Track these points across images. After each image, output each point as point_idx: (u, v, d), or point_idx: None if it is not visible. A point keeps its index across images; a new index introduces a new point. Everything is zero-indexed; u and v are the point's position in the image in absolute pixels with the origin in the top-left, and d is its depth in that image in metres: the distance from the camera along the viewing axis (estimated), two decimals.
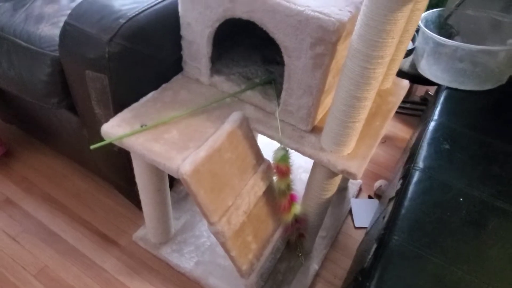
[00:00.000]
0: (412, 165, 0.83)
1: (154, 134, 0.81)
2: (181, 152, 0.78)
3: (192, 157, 0.75)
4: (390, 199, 0.79)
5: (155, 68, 0.89)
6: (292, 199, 0.92)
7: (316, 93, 0.78)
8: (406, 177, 0.81)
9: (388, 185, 1.12)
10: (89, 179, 1.29)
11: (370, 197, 1.33)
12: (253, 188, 0.86)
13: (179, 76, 0.96)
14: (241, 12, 0.76)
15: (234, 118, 0.84)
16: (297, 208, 0.93)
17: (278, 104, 0.88)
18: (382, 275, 0.65)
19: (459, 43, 0.98)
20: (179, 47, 0.92)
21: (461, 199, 0.76)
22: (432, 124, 0.94)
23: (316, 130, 0.86)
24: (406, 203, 0.74)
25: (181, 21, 0.86)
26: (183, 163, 0.73)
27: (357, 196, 1.32)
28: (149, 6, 0.83)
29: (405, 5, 0.58)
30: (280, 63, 1.01)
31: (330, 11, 0.69)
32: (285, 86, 0.82)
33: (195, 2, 0.81)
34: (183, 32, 0.88)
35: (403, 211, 0.73)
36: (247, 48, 1.04)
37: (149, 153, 0.78)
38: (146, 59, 0.85)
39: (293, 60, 0.76)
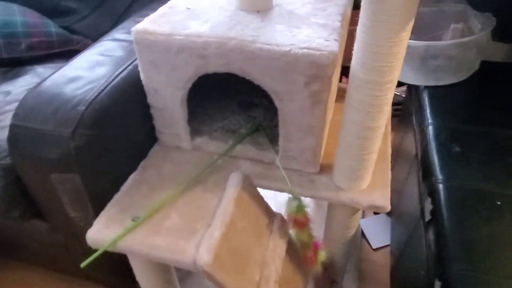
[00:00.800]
0: (433, 179, 0.77)
1: (151, 225, 0.69)
2: (190, 239, 0.66)
3: (206, 242, 0.63)
4: (428, 222, 0.73)
5: (128, 148, 0.77)
6: (316, 248, 0.82)
7: (319, 132, 0.71)
8: (433, 193, 0.75)
9: (396, 197, 1.07)
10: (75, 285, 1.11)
11: (375, 213, 1.27)
12: (275, 251, 0.76)
13: (155, 148, 0.85)
14: (216, 66, 0.68)
15: (235, 180, 0.74)
16: (323, 256, 0.84)
17: (276, 151, 0.79)
18: None
19: (430, 42, 0.97)
20: (149, 117, 0.81)
21: (498, 202, 0.71)
22: (431, 129, 0.90)
23: (324, 169, 0.78)
24: (448, 224, 0.68)
25: (146, 89, 0.76)
26: (199, 252, 0.62)
27: (363, 217, 1.26)
28: (107, 83, 0.71)
29: (409, 23, 0.52)
30: (260, 105, 0.93)
31: (318, 44, 0.62)
32: (281, 131, 0.74)
33: (159, 67, 0.71)
34: (151, 100, 0.78)
35: (448, 233, 0.67)
36: (219, 98, 0.96)
37: (153, 250, 0.65)
38: (117, 142, 0.74)
39: (286, 104, 0.68)
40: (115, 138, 0.73)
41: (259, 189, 0.78)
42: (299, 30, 0.67)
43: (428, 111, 0.96)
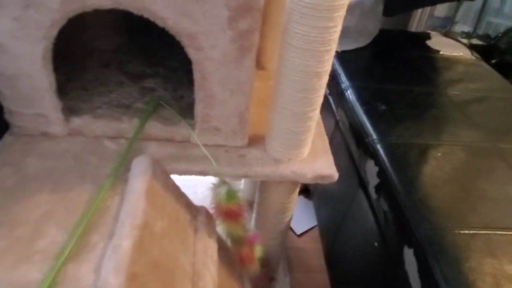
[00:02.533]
0: (369, 139, 0.69)
1: (18, 247, 0.43)
2: (86, 260, 0.43)
3: (112, 258, 0.42)
4: (377, 187, 0.64)
5: None
6: (252, 242, 0.66)
7: (249, 89, 0.55)
8: (374, 154, 0.66)
9: None
10: None
11: (303, 192, 1.17)
12: (207, 255, 0.57)
13: (7, 138, 0.57)
14: None
15: (140, 167, 0.53)
16: (260, 251, 0.69)
17: (190, 125, 0.60)
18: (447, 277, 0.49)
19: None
20: None
21: (439, 154, 0.66)
22: (350, 92, 0.82)
23: (253, 141, 0.62)
24: (399, 184, 0.60)
25: None
26: (102, 277, 0.40)
27: None
28: None
29: None
30: (155, 75, 0.72)
31: None
32: (198, 94, 0.55)
33: (2, 3, 0.45)
34: None
35: (403, 195, 0.58)
36: (98, 68, 0.72)
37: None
38: None
39: (206, 52, 0.51)
40: None
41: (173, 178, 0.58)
42: None
43: (342, 75, 0.89)
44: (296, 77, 0.51)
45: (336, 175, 0.60)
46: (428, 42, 1.07)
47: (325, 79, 0.52)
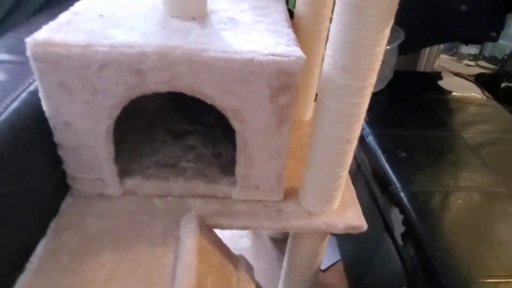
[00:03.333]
0: (393, 187, 0.74)
1: None
2: None
3: None
4: (404, 235, 0.68)
5: (30, 208, 0.55)
6: None
7: (286, 154, 0.61)
8: (398, 203, 0.71)
9: None
10: None
11: None
12: None
13: (69, 200, 0.64)
14: (156, 84, 0.53)
15: (190, 226, 0.59)
16: None
17: (233, 183, 0.66)
18: None
19: None
20: (57, 162, 0.60)
21: (459, 201, 0.71)
22: (372, 138, 0.88)
23: (287, 195, 0.68)
24: (425, 232, 0.64)
25: (53, 123, 0.56)
26: None
27: None
28: None
29: (392, 17, 0.47)
30: (195, 132, 0.79)
31: (282, 50, 0.53)
32: (240, 158, 0.62)
33: (73, 91, 0.52)
34: (60, 138, 0.57)
35: (429, 243, 0.63)
36: (143, 128, 0.78)
37: None
38: (12, 204, 0.52)
39: (248, 124, 0.57)
40: (9, 199, 0.51)
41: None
42: (251, 36, 0.57)
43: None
44: (329, 144, 0.57)
45: (365, 226, 0.65)
46: (440, 83, 1.13)
47: (355, 143, 0.58)
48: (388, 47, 1.00)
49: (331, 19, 0.56)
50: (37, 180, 0.56)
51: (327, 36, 0.73)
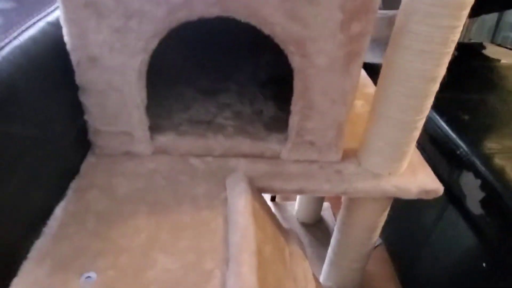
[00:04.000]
0: (461, 151, 0.65)
1: (126, 282, 0.38)
2: (205, 286, 0.38)
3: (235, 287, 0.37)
4: (483, 201, 0.58)
5: (46, 159, 0.45)
6: None
7: (352, 99, 0.51)
8: (471, 166, 0.62)
9: None
10: None
11: None
12: (306, 280, 0.52)
13: (91, 159, 0.53)
14: (206, 5, 0.43)
15: (240, 187, 0.49)
16: None
17: (281, 140, 0.56)
18: None
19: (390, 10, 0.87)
20: (76, 110, 0.50)
21: None
22: None
23: (344, 155, 0.58)
24: (507, 194, 0.55)
25: (75, 57, 0.46)
26: None
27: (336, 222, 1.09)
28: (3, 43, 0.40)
29: None
30: (227, 90, 0.69)
31: None
32: (296, 106, 0.52)
33: (103, 14, 0.42)
34: (83, 78, 0.47)
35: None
36: (170, 84, 0.69)
37: None
38: (26, 149, 0.41)
39: (312, 59, 0.47)
40: (21, 142, 0.40)
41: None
42: None
43: None
44: (410, 83, 0.47)
45: (441, 190, 0.55)
46: (485, 52, 1.04)
47: (438, 84, 0.48)
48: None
49: None
50: (54, 126, 0.46)
51: None
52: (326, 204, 1.11)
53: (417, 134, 0.53)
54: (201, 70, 0.73)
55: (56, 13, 0.48)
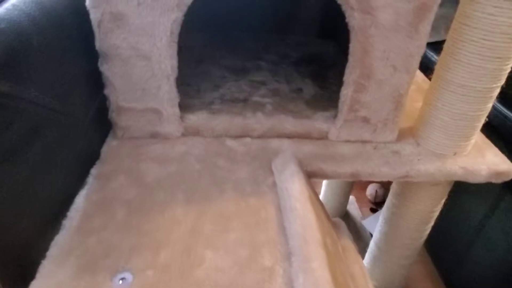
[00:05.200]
0: None
1: (170, 281, 0.31)
2: (270, 287, 0.31)
3: (308, 285, 0.29)
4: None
5: (63, 137, 0.37)
6: None
7: (416, 65, 0.44)
8: None
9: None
10: None
11: (373, 210, 1.04)
12: (364, 278, 0.45)
13: (112, 142, 0.46)
14: None
15: (291, 169, 0.41)
16: None
17: (329, 119, 0.49)
18: None
19: None
20: (95, 83, 0.42)
21: None
22: None
23: (401, 134, 0.51)
24: None
25: (96, 16, 0.38)
26: None
27: (363, 216, 1.02)
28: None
29: None
30: (258, 68, 0.62)
31: None
32: (352, 75, 0.44)
33: None
34: (105, 41, 0.40)
35: None
36: (196, 64, 0.61)
37: None
38: (44, 120, 0.34)
39: (375, 15, 0.40)
40: (39, 112, 0.33)
41: None
42: None
43: None
44: (490, 42, 0.40)
45: None
46: None
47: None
48: None
49: None
50: (72, 97, 0.38)
51: None
52: (351, 198, 1.03)
53: (490, 105, 0.45)
54: (226, 49, 0.66)
55: None
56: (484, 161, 0.48)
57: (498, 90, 0.44)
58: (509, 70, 0.43)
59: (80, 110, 0.40)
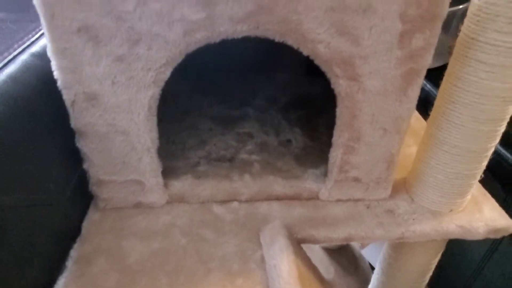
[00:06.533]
0: None
1: None
2: None
3: None
4: None
5: (39, 225, 0.35)
6: None
7: (407, 127, 0.42)
8: None
9: None
10: None
11: None
12: None
13: (93, 216, 0.44)
14: (232, 22, 0.34)
15: (280, 243, 0.39)
16: None
17: (319, 177, 0.47)
18: None
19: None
20: (73, 158, 0.41)
21: None
22: None
23: (393, 190, 0.49)
24: None
25: (68, 96, 0.36)
26: None
27: (361, 246, 1.00)
28: None
29: None
30: (246, 116, 0.60)
31: None
32: (340, 138, 0.43)
33: (103, 39, 0.33)
34: (79, 120, 0.38)
35: None
36: (180, 114, 0.59)
37: None
38: (18, 216, 0.32)
39: (362, 82, 0.38)
40: (10, 211, 0.31)
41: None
42: None
43: None
44: (483, 105, 0.38)
45: None
46: None
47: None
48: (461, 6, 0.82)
49: None
50: (46, 185, 0.37)
51: None
52: None
53: (485, 163, 0.44)
54: (212, 96, 0.64)
55: (42, 41, 0.39)
56: (481, 217, 0.46)
57: (493, 149, 0.43)
58: (503, 129, 0.41)
59: (58, 188, 0.39)
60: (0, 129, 0.30)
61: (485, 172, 0.55)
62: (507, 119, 0.40)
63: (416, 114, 0.66)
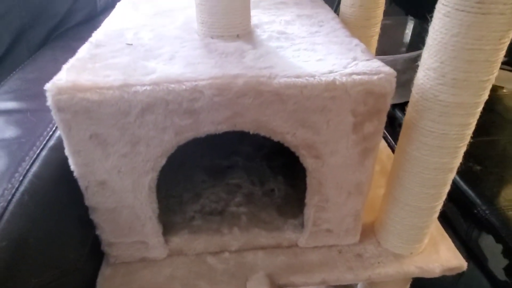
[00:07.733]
0: (478, 210, 0.63)
1: None
2: None
3: None
4: (508, 268, 0.57)
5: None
6: None
7: (368, 189, 0.50)
8: (490, 228, 0.60)
9: None
10: None
11: None
12: None
13: (106, 270, 0.52)
14: (213, 124, 0.42)
15: None
16: None
17: (297, 226, 0.55)
18: None
19: (397, 55, 0.87)
20: (87, 226, 0.49)
21: None
22: None
23: (361, 233, 0.57)
24: None
25: (83, 183, 0.44)
26: None
27: None
28: (10, 194, 0.38)
29: None
30: (235, 165, 0.68)
31: (365, 66, 0.42)
32: (312, 201, 0.50)
33: (109, 143, 0.41)
34: (92, 200, 0.46)
35: None
36: (176, 168, 0.67)
37: None
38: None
39: (325, 160, 0.46)
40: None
41: None
42: (318, 53, 0.46)
43: None
44: (428, 175, 0.46)
45: (464, 266, 0.54)
46: None
47: (455, 170, 0.47)
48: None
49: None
50: (66, 254, 0.45)
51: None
52: None
53: (436, 215, 0.51)
54: (206, 144, 0.72)
55: (57, 133, 0.47)
56: (438, 258, 0.54)
57: (441, 205, 0.50)
58: (447, 191, 0.49)
59: (76, 256, 0.47)
60: (32, 222, 0.38)
61: (448, 204, 0.63)
62: (449, 184, 0.48)
63: (389, 152, 0.74)
